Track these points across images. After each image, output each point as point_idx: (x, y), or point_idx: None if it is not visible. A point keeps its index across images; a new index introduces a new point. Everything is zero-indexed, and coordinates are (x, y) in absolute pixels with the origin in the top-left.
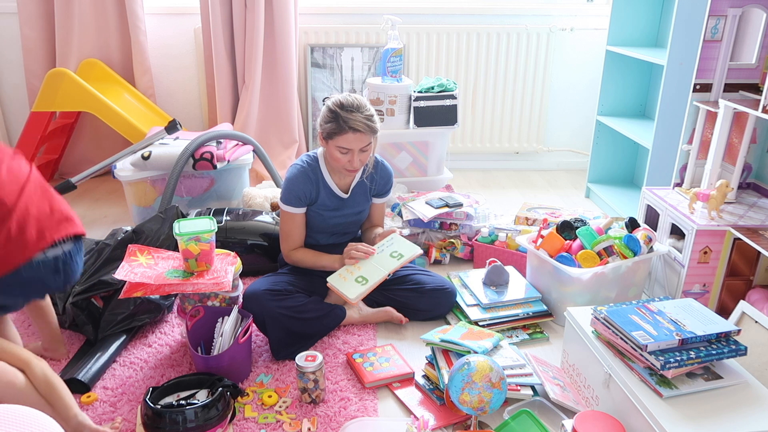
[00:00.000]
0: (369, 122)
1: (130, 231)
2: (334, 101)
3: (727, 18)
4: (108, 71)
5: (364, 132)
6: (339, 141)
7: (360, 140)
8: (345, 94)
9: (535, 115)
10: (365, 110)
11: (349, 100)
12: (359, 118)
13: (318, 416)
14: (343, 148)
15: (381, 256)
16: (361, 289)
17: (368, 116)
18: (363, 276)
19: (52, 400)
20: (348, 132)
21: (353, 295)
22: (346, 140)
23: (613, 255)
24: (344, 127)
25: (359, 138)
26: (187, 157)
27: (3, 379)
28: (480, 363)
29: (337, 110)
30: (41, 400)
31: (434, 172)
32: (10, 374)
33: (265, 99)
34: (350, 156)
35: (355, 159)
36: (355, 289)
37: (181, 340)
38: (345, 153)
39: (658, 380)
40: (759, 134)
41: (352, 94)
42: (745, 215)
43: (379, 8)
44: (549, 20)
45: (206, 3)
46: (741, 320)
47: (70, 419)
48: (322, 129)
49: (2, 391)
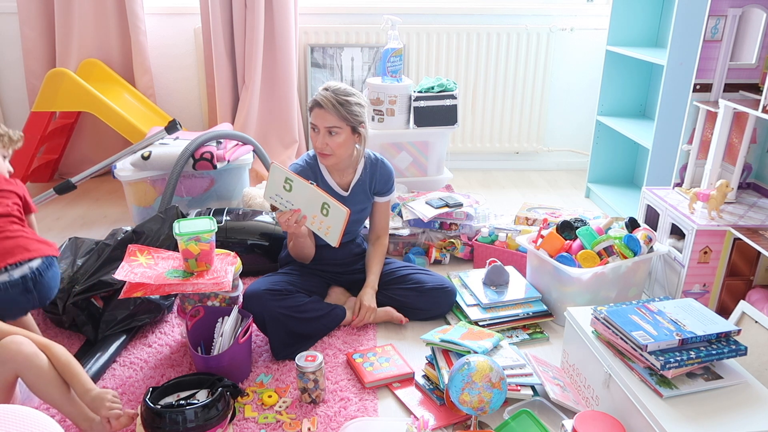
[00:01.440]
0: (338, 103)
1: (130, 231)
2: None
3: (727, 18)
4: (108, 71)
5: (326, 109)
6: (311, 117)
7: (324, 118)
8: (342, 83)
9: (535, 115)
10: (343, 94)
11: (335, 84)
12: (329, 95)
13: (318, 416)
14: (312, 124)
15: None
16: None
17: (341, 99)
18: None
19: (69, 378)
20: (315, 107)
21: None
22: (314, 115)
23: (613, 255)
24: (314, 102)
25: (323, 115)
26: (187, 157)
27: (26, 353)
28: (480, 363)
29: (319, 89)
30: (58, 378)
31: (434, 172)
32: (36, 346)
33: (265, 99)
34: (318, 136)
35: (320, 138)
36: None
37: (181, 340)
38: (315, 132)
39: (658, 380)
40: (759, 134)
41: (344, 84)
42: (745, 215)
43: (379, 8)
44: (549, 20)
45: (206, 3)
46: (741, 320)
47: (87, 392)
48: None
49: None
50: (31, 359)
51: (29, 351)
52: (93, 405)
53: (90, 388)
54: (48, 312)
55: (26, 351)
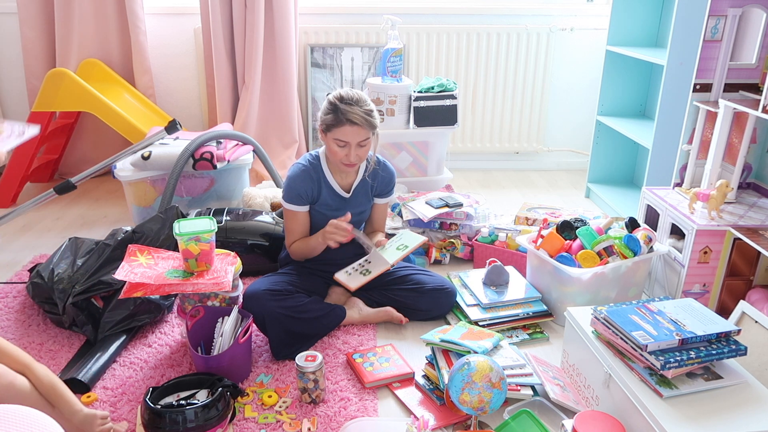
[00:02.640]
0: (367, 117)
1: (130, 231)
2: (335, 94)
3: (727, 18)
4: (108, 71)
5: (361, 125)
6: (337, 133)
7: (357, 134)
8: (347, 89)
9: (535, 115)
10: (365, 104)
11: (350, 94)
12: (358, 111)
13: (318, 416)
14: (340, 140)
15: (388, 249)
16: (363, 279)
17: (367, 111)
18: (368, 269)
19: (55, 400)
20: (345, 124)
21: (354, 285)
22: (344, 133)
23: (613, 255)
24: (342, 119)
25: (356, 131)
26: (187, 157)
27: (3, 381)
28: (480, 363)
29: (336, 103)
30: (42, 400)
31: (434, 172)
32: (10, 376)
33: (265, 99)
34: (347, 150)
35: (352, 153)
36: (357, 281)
37: (181, 340)
38: (342, 146)
39: (658, 380)
40: (759, 134)
41: (354, 89)
42: (745, 215)
43: (379, 8)
44: (549, 20)
45: (206, 3)
46: (741, 320)
47: (75, 414)
48: (322, 121)
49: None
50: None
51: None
52: (83, 427)
53: (78, 409)
54: (48, 312)
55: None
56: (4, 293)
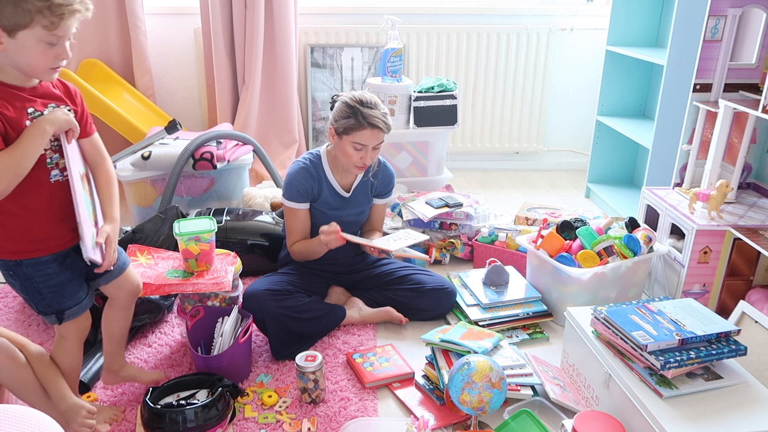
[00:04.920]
0: (386, 120)
1: (130, 231)
2: (352, 97)
3: (727, 18)
4: (108, 71)
5: (381, 129)
6: (356, 137)
7: (376, 137)
8: (361, 92)
9: (535, 115)
10: (381, 107)
11: (367, 97)
12: (378, 114)
13: (318, 416)
14: (358, 144)
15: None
16: (357, 239)
17: (385, 114)
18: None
19: (48, 381)
20: (367, 128)
21: (350, 238)
22: (363, 136)
23: (613, 255)
24: (363, 123)
25: (376, 135)
26: (187, 157)
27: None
28: (480, 363)
29: (356, 106)
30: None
31: (434, 172)
32: (11, 349)
33: (265, 99)
34: (364, 153)
35: (368, 156)
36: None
37: (181, 340)
38: (359, 149)
39: (658, 380)
40: (759, 134)
41: (366, 93)
42: (745, 215)
43: (379, 8)
44: (549, 20)
45: (206, 3)
46: (741, 320)
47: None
48: (338, 125)
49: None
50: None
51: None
52: (66, 414)
53: (66, 395)
54: None
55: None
56: (4, 293)
